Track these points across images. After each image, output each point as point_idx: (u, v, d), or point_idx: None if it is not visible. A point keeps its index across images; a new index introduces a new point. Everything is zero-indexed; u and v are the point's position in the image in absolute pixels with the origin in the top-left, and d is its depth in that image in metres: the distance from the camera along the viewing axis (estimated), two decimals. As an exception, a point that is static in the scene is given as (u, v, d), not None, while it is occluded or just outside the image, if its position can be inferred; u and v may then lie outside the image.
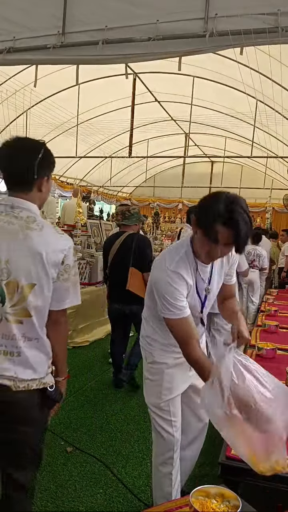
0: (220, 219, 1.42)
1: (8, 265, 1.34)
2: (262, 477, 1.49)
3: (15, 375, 1.36)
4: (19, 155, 1.48)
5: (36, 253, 1.36)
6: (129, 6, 3.04)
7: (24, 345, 1.38)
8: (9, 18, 3.39)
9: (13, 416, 1.40)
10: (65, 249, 1.42)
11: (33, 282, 1.36)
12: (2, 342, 1.37)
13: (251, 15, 2.70)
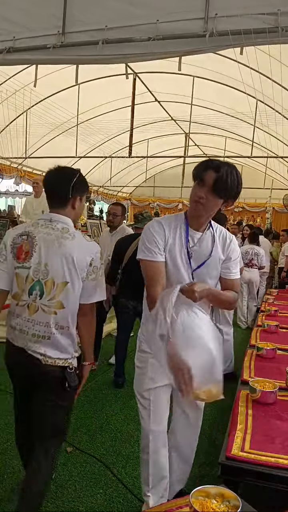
0: (210, 165, 1.68)
1: (47, 267, 1.71)
2: (262, 477, 1.49)
3: (45, 353, 1.72)
4: (58, 180, 1.85)
5: (68, 257, 1.71)
6: (129, 6, 3.04)
7: (55, 332, 1.72)
8: (9, 18, 3.39)
9: (42, 385, 1.77)
10: (93, 253, 1.77)
11: (66, 280, 1.72)
12: (38, 328, 1.72)
13: (251, 15, 2.70)
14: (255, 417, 1.87)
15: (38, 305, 1.71)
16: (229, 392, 3.51)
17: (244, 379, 2.31)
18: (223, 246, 1.82)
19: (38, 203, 5.97)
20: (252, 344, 2.98)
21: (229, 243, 1.83)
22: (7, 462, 2.39)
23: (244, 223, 11.97)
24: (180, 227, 1.77)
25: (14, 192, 12.34)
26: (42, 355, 1.73)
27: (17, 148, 8.93)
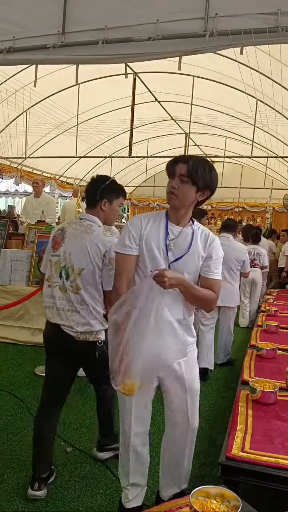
0: (179, 159, 1.77)
1: (70, 256, 2.13)
2: (262, 477, 1.49)
3: (76, 327, 2.12)
4: (91, 186, 2.24)
5: (84, 248, 2.10)
6: (129, 5, 3.03)
7: (80, 308, 2.12)
8: (9, 18, 3.39)
9: (78, 355, 2.24)
10: (107, 245, 2.09)
11: (82, 267, 2.11)
12: (68, 304, 2.14)
13: (251, 15, 2.70)
14: (255, 417, 1.87)
15: (66, 286, 2.13)
16: (229, 392, 3.53)
17: (244, 379, 2.31)
18: (204, 243, 1.81)
19: (38, 203, 5.96)
20: (252, 344, 2.98)
21: (211, 242, 1.83)
22: (7, 462, 2.39)
23: (244, 223, 11.98)
24: (160, 220, 1.82)
25: (14, 192, 12.35)
26: (74, 331, 2.12)
27: (17, 148, 8.92)
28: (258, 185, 11.44)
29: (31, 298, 3.90)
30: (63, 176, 11.71)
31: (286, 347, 2.97)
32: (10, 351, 4.30)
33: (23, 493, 2.13)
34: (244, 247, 4.53)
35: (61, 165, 11.11)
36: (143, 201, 15.53)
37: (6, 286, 4.76)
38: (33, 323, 4.58)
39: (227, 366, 4.32)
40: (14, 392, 3.28)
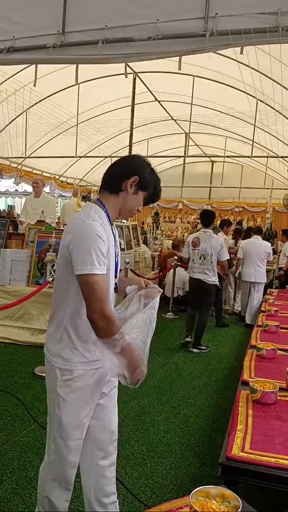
0: (157, 184, 1.63)
1: (206, 250, 4.59)
2: (262, 477, 1.49)
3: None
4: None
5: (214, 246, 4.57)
6: (129, 5, 3.04)
7: (205, 270, 4.61)
8: (9, 18, 3.39)
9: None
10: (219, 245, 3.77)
11: (212, 254, 4.70)
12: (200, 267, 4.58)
13: (251, 15, 2.70)
14: (255, 417, 1.87)
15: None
16: (229, 392, 3.52)
17: (244, 379, 2.31)
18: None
19: (38, 203, 5.95)
20: (252, 344, 2.98)
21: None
22: (7, 463, 2.38)
23: (244, 223, 11.98)
24: (105, 223, 1.53)
25: (14, 192, 12.33)
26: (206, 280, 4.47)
27: (17, 148, 8.92)
28: (258, 185, 11.44)
29: (31, 298, 3.90)
30: (63, 176, 11.71)
31: (286, 347, 2.96)
32: (10, 351, 4.30)
33: (23, 493, 2.13)
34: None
35: (61, 165, 11.11)
36: (143, 201, 15.52)
37: (6, 286, 4.76)
38: (33, 323, 4.57)
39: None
40: (13, 392, 3.28)
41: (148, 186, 1.59)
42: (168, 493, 2.21)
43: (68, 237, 1.47)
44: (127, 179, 1.55)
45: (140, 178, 1.56)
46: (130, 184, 1.55)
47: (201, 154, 11.91)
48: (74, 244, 1.43)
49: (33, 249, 4.90)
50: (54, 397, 1.55)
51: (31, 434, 2.71)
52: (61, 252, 1.52)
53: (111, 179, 1.58)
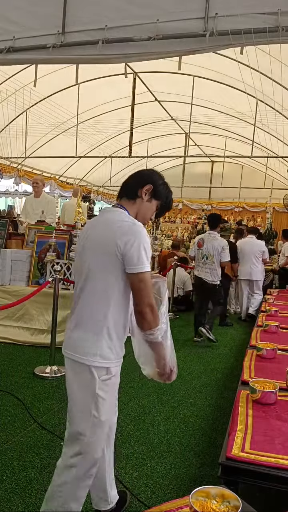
0: (169, 196, 1.81)
1: (209, 250, 5.11)
2: (262, 477, 1.49)
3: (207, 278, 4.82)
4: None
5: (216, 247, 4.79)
6: (129, 5, 3.03)
7: (208, 270, 5.00)
8: (9, 18, 3.39)
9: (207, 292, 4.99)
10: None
11: (213, 254, 5.16)
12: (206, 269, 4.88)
13: (251, 15, 2.70)
14: (255, 417, 1.87)
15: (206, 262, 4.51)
16: (229, 392, 3.52)
17: (244, 379, 2.31)
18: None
19: (38, 203, 5.95)
20: (252, 344, 2.98)
21: None
22: (7, 463, 2.38)
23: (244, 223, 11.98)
24: None
25: (14, 192, 12.33)
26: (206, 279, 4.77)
27: (17, 148, 8.92)
28: (258, 185, 11.44)
29: (31, 298, 3.90)
30: (63, 176, 11.71)
31: (286, 347, 2.96)
32: (10, 351, 4.30)
33: (23, 493, 2.13)
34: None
35: (61, 165, 11.11)
36: (143, 201, 15.52)
37: (6, 286, 4.76)
38: (33, 323, 4.58)
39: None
40: (13, 392, 3.28)
41: (161, 195, 1.75)
42: (168, 493, 2.21)
43: (124, 239, 1.55)
44: (143, 187, 1.71)
45: (154, 187, 1.72)
46: (145, 191, 1.71)
47: (201, 154, 11.91)
48: (132, 245, 1.54)
49: (33, 249, 4.90)
50: (90, 399, 1.59)
51: (31, 434, 2.71)
52: (108, 253, 1.57)
53: (129, 186, 1.74)
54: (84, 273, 1.64)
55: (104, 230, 1.63)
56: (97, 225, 1.70)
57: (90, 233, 1.69)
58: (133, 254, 1.54)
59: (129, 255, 1.54)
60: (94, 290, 1.62)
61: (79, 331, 1.64)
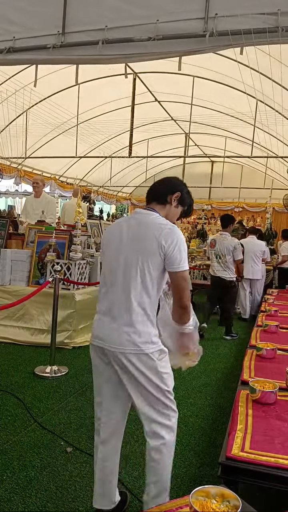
0: (191, 203, 2.03)
1: (221, 251, 5.40)
2: (262, 477, 1.49)
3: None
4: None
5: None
6: (129, 6, 3.03)
7: (222, 267, 5.04)
8: (9, 18, 3.39)
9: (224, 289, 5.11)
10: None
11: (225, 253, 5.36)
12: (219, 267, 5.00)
13: (251, 15, 2.70)
14: (255, 417, 1.87)
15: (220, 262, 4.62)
16: (229, 392, 3.52)
17: (244, 379, 2.31)
18: None
19: (38, 203, 5.96)
20: (252, 344, 2.98)
21: None
22: (7, 463, 2.39)
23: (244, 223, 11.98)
24: None
25: (14, 192, 12.33)
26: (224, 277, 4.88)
27: (17, 148, 8.92)
28: (258, 185, 11.44)
29: (31, 298, 3.90)
30: (63, 176, 11.71)
31: (286, 347, 2.97)
32: (10, 351, 4.30)
33: (23, 493, 2.13)
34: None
35: (61, 165, 11.11)
36: (143, 201, 15.43)
37: (6, 286, 4.77)
38: (33, 323, 4.58)
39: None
40: (14, 392, 3.28)
41: (185, 203, 1.96)
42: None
43: (168, 240, 1.74)
44: (172, 193, 1.90)
45: (181, 194, 1.93)
46: (174, 198, 1.91)
47: (201, 154, 11.90)
48: (175, 246, 1.74)
49: (33, 249, 4.90)
50: (157, 379, 1.78)
51: (31, 434, 2.71)
52: (151, 252, 1.75)
53: (159, 193, 1.92)
54: (122, 268, 1.79)
55: (145, 230, 1.78)
56: (136, 225, 1.82)
57: (126, 232, 1.83)
58: (176, 255, 1.73)
59: (172, 256, 1.73)
60: (136, 284, 1.76)
61: (127, 326, 1.77)
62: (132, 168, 13.03)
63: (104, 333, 1.81)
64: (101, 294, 1.90)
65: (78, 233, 4.71)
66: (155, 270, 1.76)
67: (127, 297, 1.77)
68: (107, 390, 1.88)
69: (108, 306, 1.84)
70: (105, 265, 1.91)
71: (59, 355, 4.08)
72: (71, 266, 4.65)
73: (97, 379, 1.92)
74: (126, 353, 1.75)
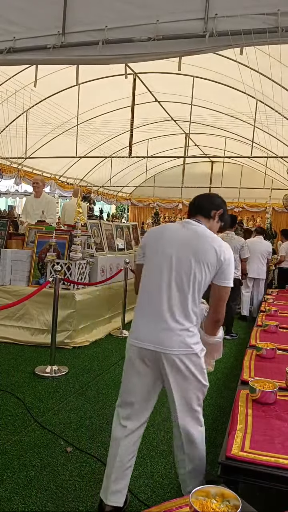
0: (228, 219, 2.23)
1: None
2: (262, 477, 1.50)
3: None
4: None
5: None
6: (129, 6, 3.04)
7: None
8: (9, 18, 3.39)
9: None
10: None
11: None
12: None
13: (251, 15, 2.70)
14: (255, 417, 1.87)
15: None
16: (229, 392, 3.52)
17: (244, 379, 2.31)
18: None
19: (38, 203, 5.96)
20: (252, 344, 2.98)
21: None
22: (7, 462, 2.39)
23: (244, 223, 11.99)
24: None
25: (14, 192, 12.34)
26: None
27: (17, 148, 8.93)
28: (258, 185, 11.45)
29: (31, 298, 3.90)
30: (63, 176, 11.71)
31: (286, 347, 2.97)
32: (10, 351, 4.30)
33: (23, 493, 2.13)
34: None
35: (61, 165, 11.11)
36: (143, 201, 15.54)
37: (6, 286, 4.77)
38: (33, 323, 4.58)
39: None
40: (14, 392, 3.28)
41: (223, 219, 2.13)
42: (168, 492, 2.21)
43: (227, 255, 1.86)
44: (216, 210, 2.06)
45: (224, 212, 2.11)
46: (218, 214, 2.07)
47: (201, 155, 11.91)
48: (229, 263, 1.87)
49: (33, 249, 4.91)
50: (201, 376, 1.89)
51: (32, 433, 2.71)
52: (204, 262, 1.84)
53: (204, 207, 2.05)
54: (174, 272, 1.86)
55: (204, 241, 1.88)
56: (192, 234, 1.91)
57: (181, 238, 1.91)
58: (229, 270, 1.88)
59: (225, 270, 1.87)
60: (188, 289, 1.85)
61: (181, 328, 1.84)
62: (132, 168, 13.03)
63: (153, 335, 1.85)
64: (144, 296, 1.94)
65: (78, 233, 4.71)
66: (206, 279, 1.87)
67: (181, 300, 1.85)
68: (142, 391, 1.94)
69: (155, 308, 1.87)
70: (151, 266, 1.94)
71: (59, 355, 4.09)
72: (71, 266, 4.65)
73: (133, 379, 1.95)
74: (179, 354, 1.81)
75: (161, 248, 1.92)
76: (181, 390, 1.88)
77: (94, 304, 4.95)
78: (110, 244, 5.86)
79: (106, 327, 5.27)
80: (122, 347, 4.68)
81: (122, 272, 5.36)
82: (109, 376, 3.81)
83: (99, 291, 5.08)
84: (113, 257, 5.67)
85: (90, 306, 4.83)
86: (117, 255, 5.82)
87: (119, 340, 4.98)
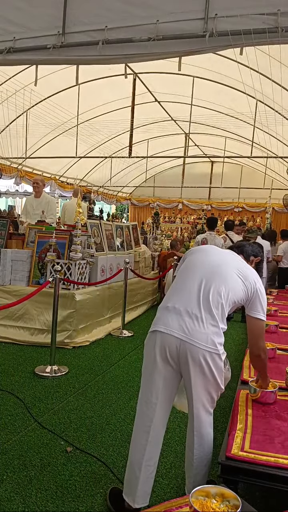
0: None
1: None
2: (262, 476, 1.50)
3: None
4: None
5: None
6: (129, 6, 3.04)
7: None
8: (9, 19, 3.40)
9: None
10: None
11: None
12: None
13: (251, 15, 2.70)
14: (254, 416, 1.87)
15: None
16: (229, 392, 3.52)
17: (244, 379, 2.31)
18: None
19: (38, 203, 5.96)
20: (252, 344, 2.98)
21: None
22: (7, 462, 2.39)
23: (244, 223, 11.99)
24: None
25: (14, 192, 12.35)
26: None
27: (17, 148, 8.93)
28: (258, 185, 11.45)
29: (31, 298, 3.91)
30: (63, 176, 11.72)
31: (286, 347, 2.97)
32: (10, 351, 4.30)
33: (23, 493, 2.13)
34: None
35: (61, 165, 11.12)
36: (143, 201, 15.54)
37: (6, 286, 4.77)
38: (33, 323, 4.58)
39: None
40: (14, 392, 3.28)
41: (257, 266, 2.31)
42: (168, 492, 2.21)
43: (261, 290, 2.02)
44: (255, 257, 2.31)
45: (260, 260, 2.36)
46: (255, 261, 2.32)
47: (201, 155, 11.91)
48: (261, 293, 2.02)
49: (33, 249, 4.91)
50: (220, 377, 1.94)
51: (32, 433, 2.72)
52: (242, 285, 1.99)
53: (247, 251, 2.28)
54: (208, 279, 1.98)
55: (245, 267, 2.07)
56: (234, 259, 2.12)
57: (222, 257, 2.10)
58: (262, 301, 2.02)
59: (258, 301, 2.03)
60: (218, 294, 1.97)
61: (210, 327, 1.94)
62: (132, 168, 13.04)
63: (182, 325, 1.90)
64: (177, 291, 2.04)
65: (78, 233, 4.71)
66: (235, 295, 2.03)
67: (209, 304, 1.96)
68: (164, 391, 1.95)
69: (187, 303, 1.96)
70: (189, 268, 2.10)
71: (59, 355, 4.09)
72: (71, 266, 4.65)
73: (154, 378, 1.95)
74: (204, 350, 1.87)
75: (206, 254, 2.15)
76: (199, 385, 1.89)
77: (94, 304, 4.95)
78: (110, 244, 5.86)
79: (106, 327, 5.27)
80: (122, 347, 4.68)
81: (122, 272, 5.36)
82: (109, 376, 3.81)
83: (99, 291, 5.08)
84: (113, 257, 5.67)
85: (90, 306, 4.83)
86: (117, 255, 5.83)
87: (119, 340, 4.98)
